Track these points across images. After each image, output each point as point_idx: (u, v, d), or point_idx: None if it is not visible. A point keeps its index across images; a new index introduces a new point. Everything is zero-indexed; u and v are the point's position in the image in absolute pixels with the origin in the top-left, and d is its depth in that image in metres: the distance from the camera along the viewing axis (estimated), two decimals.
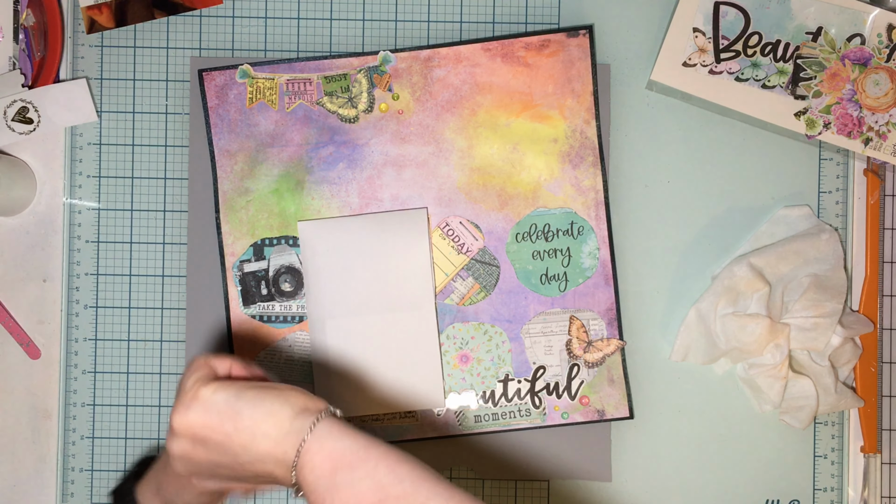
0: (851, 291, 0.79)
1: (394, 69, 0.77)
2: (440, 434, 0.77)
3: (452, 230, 0.78)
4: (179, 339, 0.79)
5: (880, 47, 0.75)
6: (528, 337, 0.77)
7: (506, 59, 0.77)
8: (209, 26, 0.79)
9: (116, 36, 0.79)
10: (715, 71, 0.76)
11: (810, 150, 0.79)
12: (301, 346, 0.77)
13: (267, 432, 0.58)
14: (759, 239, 0.79)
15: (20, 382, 0.79)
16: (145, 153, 0.79)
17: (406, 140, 0.77)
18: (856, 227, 0.79)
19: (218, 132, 0.77)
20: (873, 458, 0.78)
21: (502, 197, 0.78)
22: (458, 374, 0.77)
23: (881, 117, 0.75)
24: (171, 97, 0.79)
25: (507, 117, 0.77)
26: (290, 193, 0.77)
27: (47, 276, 0.79)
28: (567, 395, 0.77)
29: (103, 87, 0.79)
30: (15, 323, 0.79)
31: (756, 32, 0.75)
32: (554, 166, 0.78)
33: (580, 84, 0.77)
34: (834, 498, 0.79)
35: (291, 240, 0.78)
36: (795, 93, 0.76)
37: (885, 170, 0.79)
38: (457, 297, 0.77)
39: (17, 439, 0.79)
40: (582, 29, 0.77)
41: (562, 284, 0.78)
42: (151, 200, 0.79)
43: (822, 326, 0.75)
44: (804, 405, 0.76)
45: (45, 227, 0.79)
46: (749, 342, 0.75)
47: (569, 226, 0.78)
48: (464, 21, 0.79)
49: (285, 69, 0.77)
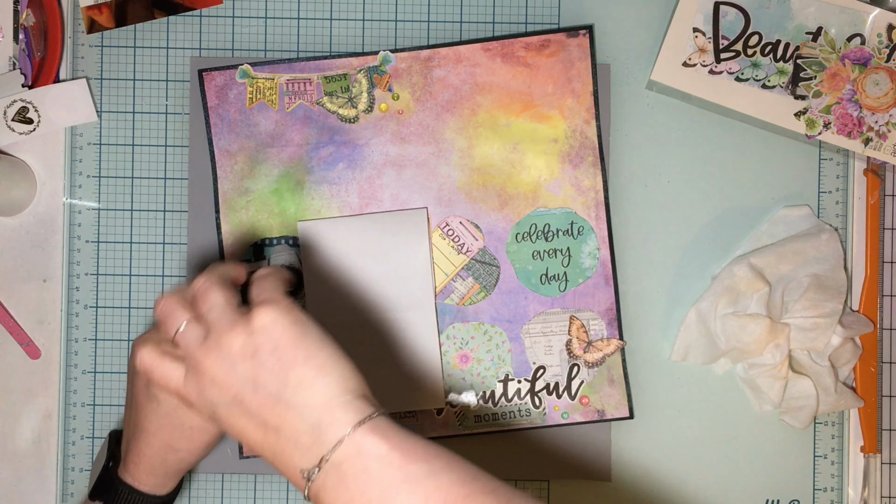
0: (851, 291, 0.79)
1: (394, 69, 0.77)
2: (440, 434, 0.77)
3: (452, 230, 0.78)
4: None
5: (880, 47, 0.75)
6: (528, 337, 0.77)
7: (506, 59, 0.77)
8: (209, 26, 0.79)
9: (116, 36, 0.79)
10: (715, 71, 0.76)
11: (810, 150, 0.79)
12: None
13: (328, 386, 0.50)
14: (759, 239, 0.79)
15: (20, 382, 0.79)
16: (145, 153, 0.79)
17: (406, 140, 0.77)
18: (856, 227, 0.79)
19: (218, 132, 0.77)
20: (873, 458, 0.78)
21: (502, 197, 0.78)
22: (458, 374, 0.77)
23: (881, 117, 0.75)
24: (171, 97, 0.79)
25: (507, 117, 0.77)
26: (290, 193, 0.77)
27: (47, 276, 0.79)
28: (567, 395, 0.77)
29: (103, 87, 0.79)
30: (15, 323, 0.79)
31: (756, 32, 0.75)
32: (554, 166, 0.78)
33: (580, 84, 0.77)
34: (834, 498, 0.79)
35: (291, 240, 0.78)
36: (795, 93, 0.76)
37: (885, 170, 0.79)
38: (457, 297, 0.77)
39: (17, 439, 0.79)
40: (582, 29, 0.77)
41: (562, 284, 0.78)
42: (151, 200, 0.79)
43: (822, 326, 0.75)
44: (804, 405, 0.76)
45: (45, 227, 0.79)
46: (749, 342, 0.75)
47: (569, 226, 0.78)
48: (464, 21, 0.79)
49: (285, 69, 0.77)
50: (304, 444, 0.50)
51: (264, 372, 0.51)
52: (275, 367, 0.51)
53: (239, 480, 0.79)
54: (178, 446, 0.62)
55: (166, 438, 0.62)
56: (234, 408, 0.52)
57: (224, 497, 0.79)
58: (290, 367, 0.51)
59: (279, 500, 0.79)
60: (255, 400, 0.51)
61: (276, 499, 0.79)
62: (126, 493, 0.65)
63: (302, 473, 0.50)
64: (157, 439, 0.62)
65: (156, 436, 0.62)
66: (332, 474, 0.49)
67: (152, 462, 0.63)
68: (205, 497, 0.79)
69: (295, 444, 0.50)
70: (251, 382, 0.52)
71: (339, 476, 0.49)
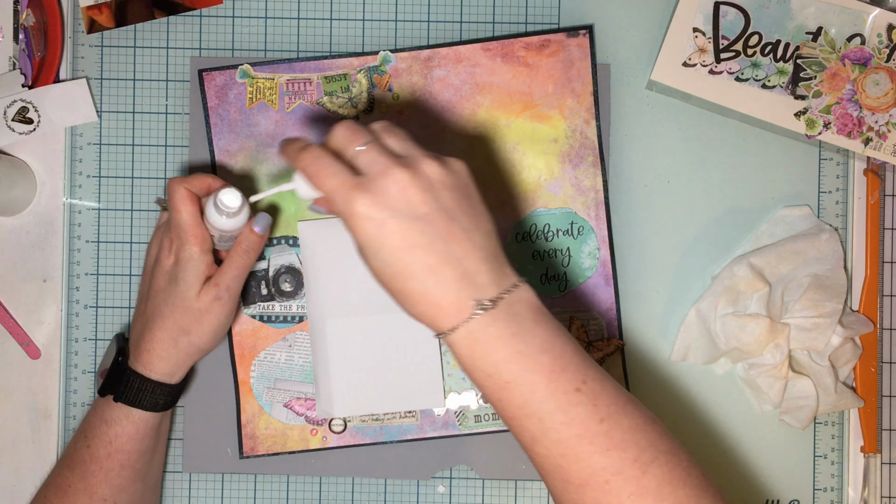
0: (851, 291, 0.79)
1: (394, 69, 0.77)
2: (440, 434, 0.77)
3: None
4: None
5: (880, 47, 0.75)
6: None
7: (506, 59, 0.77)
8: (209, 26, 0.79)
9: (116, 36, 0.79)
10: (715, 71, 0.76)
11: (810, 150, 0.79)
12: (301, 346, 0.77)
13: (499, 244, 0.57)
14: (759, 239, 0.79)
15: (20, 382, 0.79)
16: (145, 153, 0.79)
17: None
18: (856, 227, 0.79)
19: (218, 132, 0.77)
20: (873, 458, 0.78)
21: (502, 197, 0.78)
22: (458, 374, 0.77)
23: (881, 117, 0.75)
24: (171, 97, 0.79)
25: (507, 117, 0.77)
26: (290, 193, 0.77)
27: (47, 276, 0.79)
28: None
29: (103, 87, 0.79)
30: (15, 323, 0.79)
31: (756, 32, 0.75)
32: (554, 166, 0.78)
33: (580, 84, 0.77)
34: (834, 498, 0.79)
35: (291, 240, 0.78)
36: (795, 93, 0.76)
37: (885, 170, 0.79)
38: None
39: (17, 439, 0.79)
40: (582, 29, 0.77)
41: (562, 284, 0.78)
42: (151, 200, 0.79)
43: (822, 326, 0.75)
44: (804, 405, 0.76)
45: (45, 227, 0.79)
46: (749, 342, 0.75)
47: (569, 226, 0.78)
48: (464, 21, 0.79)
49: (285, 69, 0.77)
50: (482, 282, 0.55)
51: (459, 208, 0.55)
52: (468, 209, 0.56)
53: (239, 480, 0.79)
54: (189, 328, 0.68)
55: (179, 321, 0.67)
56: (417, 223, 0.54)
57: (224, 497, 0.79)
58: (479, 216, 0.57)
59: (279, 500, 0.79)
60: (448, 227, 0.55)
61: (276, 499, 0.79)
62: (138, 381, 0.68)
63: (478, 304, 0.54)
64: (172, 322, 0.67)
65: (170, 318, 0.67)
66: (504, 311, 0.55)
67: (165, 346, 0.68)
68: (205, 497, 0.79)
69: (471, 279, 0.55)
70: (446, 211, 0.55)
71: (511, 314, 0.55)
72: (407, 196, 0.54)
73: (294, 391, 0.77)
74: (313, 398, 0.77)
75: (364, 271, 0.58)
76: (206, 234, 0.68)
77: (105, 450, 0.68)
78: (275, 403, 0.77)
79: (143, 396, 0.68)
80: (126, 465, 0.69)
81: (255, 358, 0.77)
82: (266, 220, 0.69)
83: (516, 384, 0.54)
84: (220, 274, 0.68)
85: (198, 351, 0.70)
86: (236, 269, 0.69)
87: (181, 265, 0.68)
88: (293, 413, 0.77)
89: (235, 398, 0.77)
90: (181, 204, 0.67)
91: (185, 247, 0.67)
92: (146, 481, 0.72)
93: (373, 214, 0.54)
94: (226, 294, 0.68)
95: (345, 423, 0.77)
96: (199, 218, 0.68)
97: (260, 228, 0.69)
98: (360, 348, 0.76)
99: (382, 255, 0.55)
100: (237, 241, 0.69)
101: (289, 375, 0.77)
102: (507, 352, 0.54)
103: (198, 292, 0.68)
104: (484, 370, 0.55)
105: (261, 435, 0.77)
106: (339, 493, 0.79)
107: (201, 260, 0.68)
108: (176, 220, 0.67)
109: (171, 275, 0.68)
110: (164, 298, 0.68)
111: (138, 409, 0.68)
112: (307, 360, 0.77)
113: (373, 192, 0.55)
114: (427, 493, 0.79)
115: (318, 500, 0.79)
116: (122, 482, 0.69)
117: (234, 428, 0.78)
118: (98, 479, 0.69)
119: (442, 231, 0.55)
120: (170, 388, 0.70)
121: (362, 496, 0.79)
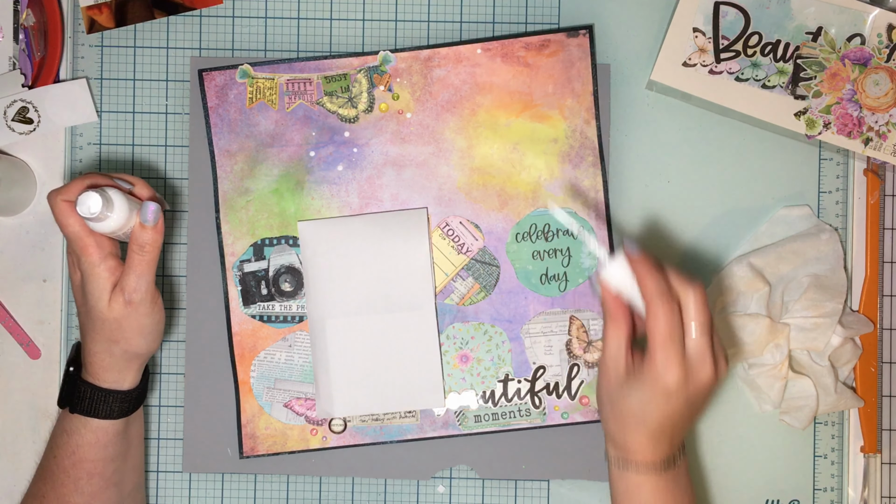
0: (851, 291, 0.79)
1: (394, 69, 0.77)
2: (440, 434, 0.77)
3: (452, 230, 0.78)
4: (179, 338, 0.79)
5: (880, 47, 0.75)
6: (528, 337, 0.77)
7: (506, 59, 0.77)
8: (209, 26, 0.79)
9: (116, 36, 0.79)
10: (715, 71, 0.76)
11: (810, 150, 0.79)
12: (301, 346, 0.77)
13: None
14: (759, 239, 0.79)
15: (20, 382, 0.79)
16: (145, 153, 0.79)
17: (406, 140, 0.77)
18: (856, 227, 0.79)
19: (218, 132, 0.77)
20: (873, 458, 0.78)
21: (502, 197, 0.78)
22: (458, 374, 0.77)
23: (881, 117, 0.75)
24: (171, 97, 0.79)
25: (507, 117, 0.77)
26: (290, 193, 0.77)
27: (47, 276, 0.79)
28: (567, 395, 0.77)
29: (103, 87, 0.79)
30: (15, 323, 0.79)
31: (756, 32, 0.75)
32: (554, 166, 0.78)
33: (580, 84, 0.77)
34: (834, 498, 0.79)
35: (291, 240, 0.78)
36: (795, 93, 0.76)
37: (885, 170, 0.79)
38: (457, 297, 0.77)
39: (17, 439, 0.79)
40: (582, 29, 0.77)
41: (562, 284, 0.78)
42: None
43: (822, 326, 0.75)
44: (804, 405, 0.76)
45: (45, 227, 0.79)
46: (749, 342, 0.75)
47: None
48: (464, 21, 0.79)
49: (285, 69, 0.77)
50: (667, 449, 0.65)
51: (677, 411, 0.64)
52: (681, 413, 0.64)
53: (239, 480, 0.79)
54: (114, 337, 0.67)
55: (103, 332, 0.67)
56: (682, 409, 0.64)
57: (224, 497, 0.79)
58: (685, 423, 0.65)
59: (279, 500, 0.79)
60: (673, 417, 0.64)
61: (276, 499, 0.79)
62: (89, 391, 0.68)
63: (672, 459, 0.65)
64: (98, 335, 0.67)
65: (95, 331, 0.67)
66: (676, 469, 0.66)
67: (103, 357, 0.68)
68: (205, 497, 0.79)
69: (665, 449, 0.65)
70: (669, 417, 0.64)
71: (678, 471, 0.66)
72: (703, 392, 0.63)
73: (294, 391, 0.77)
74: (313, 398, 0.77)
75: (364, 271, 0.57)
76: (102, 240, 0.66)
77: (69, 460, 0.68)
78: (275, 403, 0.77)
79: (97, 405, 0.68)
80: (94, 473, 0.69)
81: (255, 358, 0.77)
82: (151, 209, 0.65)
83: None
84: (123, 278, 0.66)
85: (135, 356, 0.68)
86: (137, 270, 0.66)
87: (86, 278, 0.66)
88: (293, 413, 0.77)
89: (235, 398, 0.77)
90: (63, 218, 0.65)
91: (82, 259, 0.65)
92: (121, 486, 0.71)
93: (676, 391, 0.62)
94: (136, 296, 0.66)
95: (345, 423, 0.77)
96: (86, 227, 0.65)
97: (149, 221, 0.65)
98: (361, 348, 0.76)
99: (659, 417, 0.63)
100: (130, 240, 0.66)
101: (289, 375, 0.77)
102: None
103: (107, 302, 0.66)
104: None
105: (261, 435, 0.77)
106: (339, 493, 0.79)
107: (102, 268, 0.65)
108: (65, 235, 0.65)
109: (82, 290, 0.67)
110: (85, 313, 0.68)
111: (95, 418, 0.68)
112: (307, 360, 0.77)
113: (688, 377, 0.62)
114: (427, 493, 0.79)
115: (318, 500, 0.79)
116: (93, 490, 0.69)
117: (234, 428, 0.78)
118: (68, 489, 0.68)
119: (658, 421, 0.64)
120: (123, 394, 0.69)
121: (362, 496, 0.79)
